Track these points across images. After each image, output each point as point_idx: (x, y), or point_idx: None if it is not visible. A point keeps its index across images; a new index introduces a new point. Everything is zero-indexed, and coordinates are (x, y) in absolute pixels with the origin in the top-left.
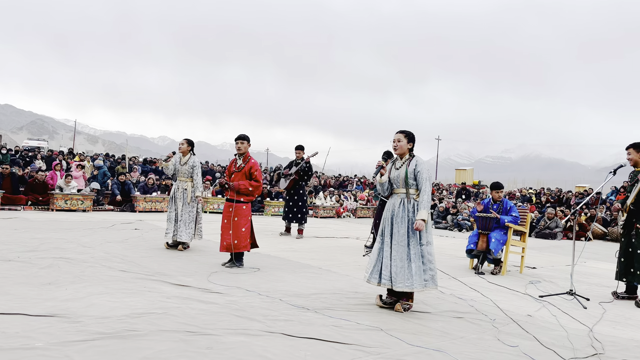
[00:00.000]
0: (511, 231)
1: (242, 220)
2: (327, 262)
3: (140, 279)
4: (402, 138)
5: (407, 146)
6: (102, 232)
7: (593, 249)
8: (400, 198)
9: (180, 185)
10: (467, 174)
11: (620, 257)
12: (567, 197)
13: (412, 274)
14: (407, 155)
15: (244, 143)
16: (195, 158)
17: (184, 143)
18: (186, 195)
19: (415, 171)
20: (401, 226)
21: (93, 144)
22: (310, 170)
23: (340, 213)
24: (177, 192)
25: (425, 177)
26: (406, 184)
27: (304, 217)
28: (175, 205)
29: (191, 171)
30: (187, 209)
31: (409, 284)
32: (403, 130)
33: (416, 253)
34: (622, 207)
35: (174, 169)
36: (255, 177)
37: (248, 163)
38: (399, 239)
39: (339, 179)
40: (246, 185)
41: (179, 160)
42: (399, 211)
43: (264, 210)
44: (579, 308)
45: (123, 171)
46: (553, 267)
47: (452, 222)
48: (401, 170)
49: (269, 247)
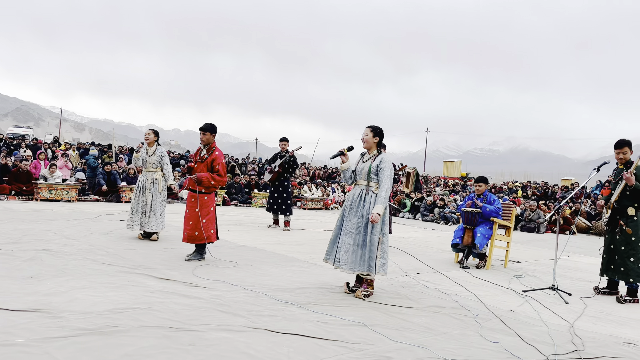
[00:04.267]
0: (496, 226)
1: (203, 211)
2: (314, 255)
3: (124, 272)
4: (369, 132)
5: (373, 140)
6: (87, 223)
7: (577, 243)
8: (360, 189)
9: (149, 175)
10: (455, 166)
11: (603, 254)
12: (552, 190)
13: (357, 258)
14: (375, 150)
15: (205, 134)
16: (162, 148)
17: (151, 133)
18: (157, 185)
19: (378, 167)
20: (356, 214)
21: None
22: (295, 163)
23: (328, 205)
24: (146, 182)
25: (387, 175)
26: (368, 178)
27: (289, 209)
28: (144, 196)
29: (160, 161)
30: (158, 199)
31: (352, 267)
32: (371, 125)
33: (365, 241)
34: (606, 205)
35: (143, 160)
36: (218, 170)
37: (212, 154)
38: (351, 226)
39: (327, 170)
40: (208, 178)
41: (145, 151)
42: (355, 201)
43: (252, 202)
44: (561, 303)
45: (109, 160)
46: (537, 262)
47: (439, 215)
48: (366, 163)
49: (255, 240)
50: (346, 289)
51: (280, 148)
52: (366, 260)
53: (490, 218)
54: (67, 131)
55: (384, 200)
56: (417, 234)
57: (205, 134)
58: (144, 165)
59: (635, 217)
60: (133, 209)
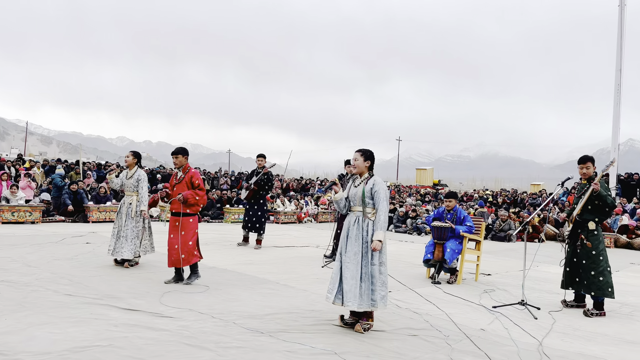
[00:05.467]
0: (466, 240)
1: (189, 233)
2: (285, 275)
3: (88, 303)
4: (359, 157)
5: (364, 164)
6: (51, 247)
7: (546, 252)
8: (356, 216)
9: (126, 199)
10: (428, 173)
11: (566, 267)
12: (521, 197)
13: (361, 293)
14: (367, 174)
15: (178, 157)
16: (141, 171)
17: (130, 156)
18: (131, 209)
19: (372, 190)
20: (354, 245)
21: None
22: (270, 181)
23: (301, 218)
24: (122, 206)
25: (383, 197)
26: (363, 203)
27: (262, 228)
28: (121, 220)
29: (136, 184)
30: (130, 224)
31: (357, 302)
32: (361, 149)
33: (367, 273)
34: (568, 218)
35: (121, 183)
36: (198, 185)
37: (188, 173)
38: (351, 257)
39: (300, 182)
40: (192, 195)
41: (125, 174)
42: (353, 229)
43: (224, 218)
44: (530, 319)
45: (76, 178)
46: (507, 273)
47: (411, 226)
48: (359, 188)
49: (226, 260)
50: (340, 322)
51: (257, 164)
52: (368, 295)
53: (460, 233)
54: (34, 145)
55: (384, 225)
56: (390, 246)
57: (177, 157)
58: (123, 188)
59: (596, 232)
60: (112, 233)
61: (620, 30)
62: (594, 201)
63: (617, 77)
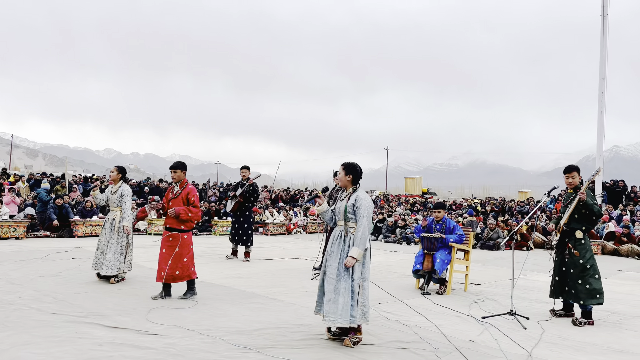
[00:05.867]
0: (455, 250)
1: (184, 250)
2: (274, 288)
3: (72, 322)
4: (341, 170)
5: (346, 178)
6: (35, 264)
7: (534, 260)
8: (340, 230)
9: (110, 215)
10: (416, 182)
11: (555, 276)
12: (509, 205)
13: (338, 308)
14: (350, 189)
15: (177, 172)
16: (125, 186)
17: (114, 171)
18: (114, 225)
19: (354, 206)
20: (335, 259)
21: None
22: (256, 192)
23: (290, 229)
24: (106, 222)
25: (364, 214)
26: (345, 218)
27: (249, 240)
28: (104, 235)
29: (120, 200)
30: (114, 239)
31: (333, 318)
32: (344, 162)
33: (346, 287)
34: (556, 228)
35: (106, 199)
36: (193, 202)
37: (185, 189)
38: (331, 271)
39: (289, 192)
40: (185, 211)
41: (110, 189)
42: (336, 243)
43: (212, 230)
44: (519, 329)
45: (62, 192)
46: (496, 283)
47: (400, 236)
48: (342, 202)
49: (214, 273)
50: (328, 334)
51: (242, 176)
52: (347, 311)
53: (449, 242)
54: (20, 158)
55: (362, 242)
56: (379, 257)
57: (176, 172)
58: (108, 203)
59: (583, 241)
60: (97, 247)
61: (603, 39)
62: (581, 210)
63: (600, 85)
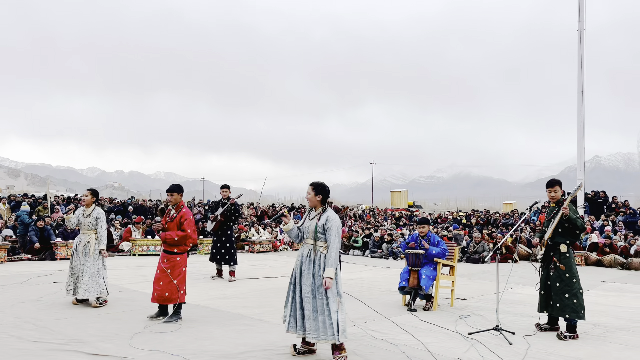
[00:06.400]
0: (440, 266)
1: (175, 271)
2: (260, 309)
3: (52, 349)
4: (311, 190)
5: (315, 198)
6: (15, 289)
7: (519, 272)
8: (308, 249)
9: (83, 238)
10: (402, 195)
11: (541, 290)
12: (494, 217)
13: (319, 326)
14: (320, 208)
15: (173, 195)
16: (99, 210)
17: (88, 194)
18: (89, 248)
19: (325, 226)
20: (308, 277)
21: (14, 177)
22: (237, 211)
23: (277, 246)
24: (79, 245)
25: (335, 234)
26: (315, 237)
27: (232, 259)
28: (78, 259)
29: (95, 223)
30: (90, 262)
31: (316, 335)
32: (313, 182)
33: (322, 305)
34: (540, 242)
35: (78, 222)
36: (183, 226)
37: (180, 212)
38: (307, 289)
39: (275, 208)
40: (172, 236)
41: (82, 212)
42: (305, 262)
43: (197, 249)
44: (505, 344)
45: (44, 213)
46: (482, 297)
47: (387, 251)
48: (312, 222)
49: (199, 294)
50: (292, 351)
51: (222, 195)
52: (327, 327)
53: (434, 259)
54: (1, 178)
55: (334, 262)
56: (366, 273)
57: (172, 195)
58: (80, 226)
59: (568, 254)
60: (69, 272)
61: (580, 53)
62: (564, 224)
63: (579, 98)
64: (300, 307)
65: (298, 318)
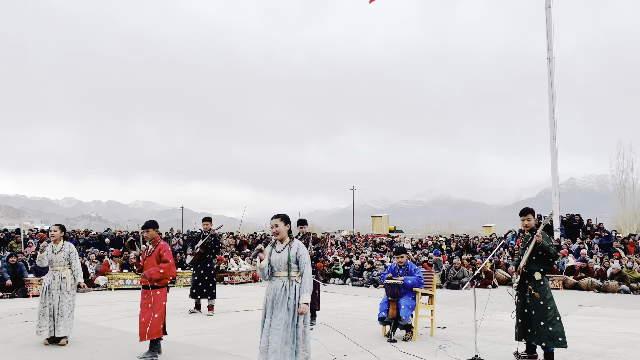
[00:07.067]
0: (419, 295)
1: (156, 305)
2: (238, 344)
3: None
4: (279, 222)
5: (285, 229)
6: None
7: (498, 298)
8: (282, 282)
9: (56, 274)
10: (383, 220)
11: (518, 319)
12: (473, 242)
13: (286, 357)
14: (287, 239)
15: (149, 231)
16: (69, 244)
17: (56, 229)
18: (65, 284)
19: (297, 255)
20: (281, 309)
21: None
22: (217, 243)
23: (257, 277)
24: (52, 282)
25: (307, 261)
26: (288, 267)
27: (211, 292)
28: (51, 297)
29: (68, 257)
30: (66, 300)
31: None
32: (278, 214)
33: (292, 334)
34: (516, 270)
35: (49, 259)
36: (164, 257)
37: (157, 246)
38: (278, 322)
39: (255, 237)
40: (157, 270)
41: (51, 248)
42: (280, 294)
43: (175, 282)
44: None
45: (17, 248)
46: (462, 325)
47: (367, 279)
48: (283, 253)
49: (176, 329)
50: None
51: (204, 228)
52: (292, 357)
53: (412, 288)
54: None
55: (310, 288)
56: (347, 303)
57: (148, 231)
58: (50, 264)
59: (542, 282)
60: (40, 313)
61: (550, 81)
62: (538, 252)
63: (551, 124)
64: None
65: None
